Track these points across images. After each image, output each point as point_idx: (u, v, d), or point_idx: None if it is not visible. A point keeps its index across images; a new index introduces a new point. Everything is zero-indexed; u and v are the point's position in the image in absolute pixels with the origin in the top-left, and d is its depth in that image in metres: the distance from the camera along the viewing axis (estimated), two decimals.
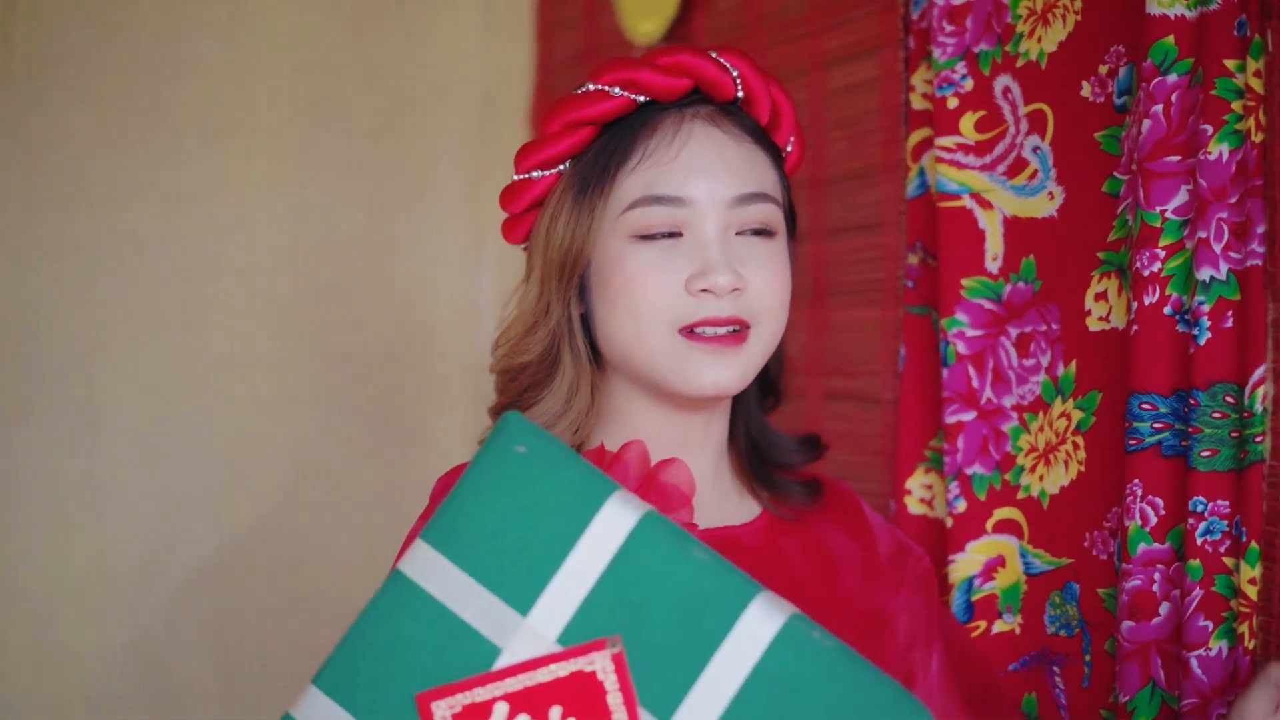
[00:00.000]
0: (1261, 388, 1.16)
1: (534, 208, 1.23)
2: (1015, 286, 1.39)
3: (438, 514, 0.98)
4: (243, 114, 2.18)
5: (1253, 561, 1.16)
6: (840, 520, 1.31)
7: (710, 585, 0.93)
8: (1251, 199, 1.17)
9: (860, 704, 0.90)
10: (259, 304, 2.20)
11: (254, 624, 2.19)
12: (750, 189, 1.18)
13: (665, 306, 1.15)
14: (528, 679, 0.93)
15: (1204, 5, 1.18)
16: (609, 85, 1.19)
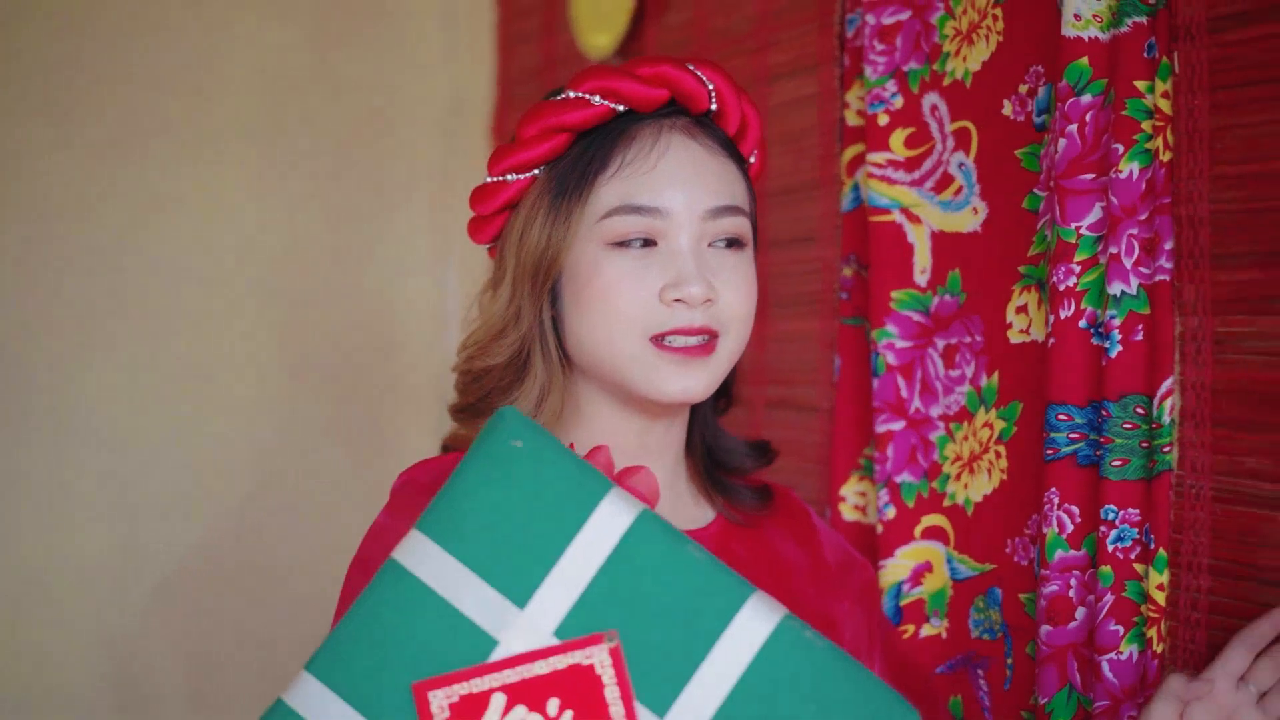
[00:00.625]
0: (1169, 399, 1.18)
1: (505, 210, 1.24)
2: (942, 299, 1.41)
3: (433, 506, 0.98)
4: (209, 124, 2.20)
5: (1161, 568, 1.19)
6: (790, 526, 1.33)
7: (705, 584, 0.94)
8: (1160, 216, 1.19)
9: (852, 703, 0.92)
10: (226, 312, 2.22)
11: (222, 625, 2.21)
12: (724, 201, 1.19)
13: (639, 315, 1.16)
14: (525, 671, 0.93)
15: (1116, 28, 1.20)
16: (589, 93, 1.19)
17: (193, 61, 2.19)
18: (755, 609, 0.93)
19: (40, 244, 2.09)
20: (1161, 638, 1.19)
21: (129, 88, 2.13)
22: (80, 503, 2.11)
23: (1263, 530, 1.11)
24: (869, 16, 1.45)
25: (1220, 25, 1.14)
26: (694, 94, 1.20)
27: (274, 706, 0.97)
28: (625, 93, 1.19)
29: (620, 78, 1.19)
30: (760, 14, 1.69)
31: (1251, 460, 1.12)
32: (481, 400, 1.24)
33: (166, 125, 2.16)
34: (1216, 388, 1.15)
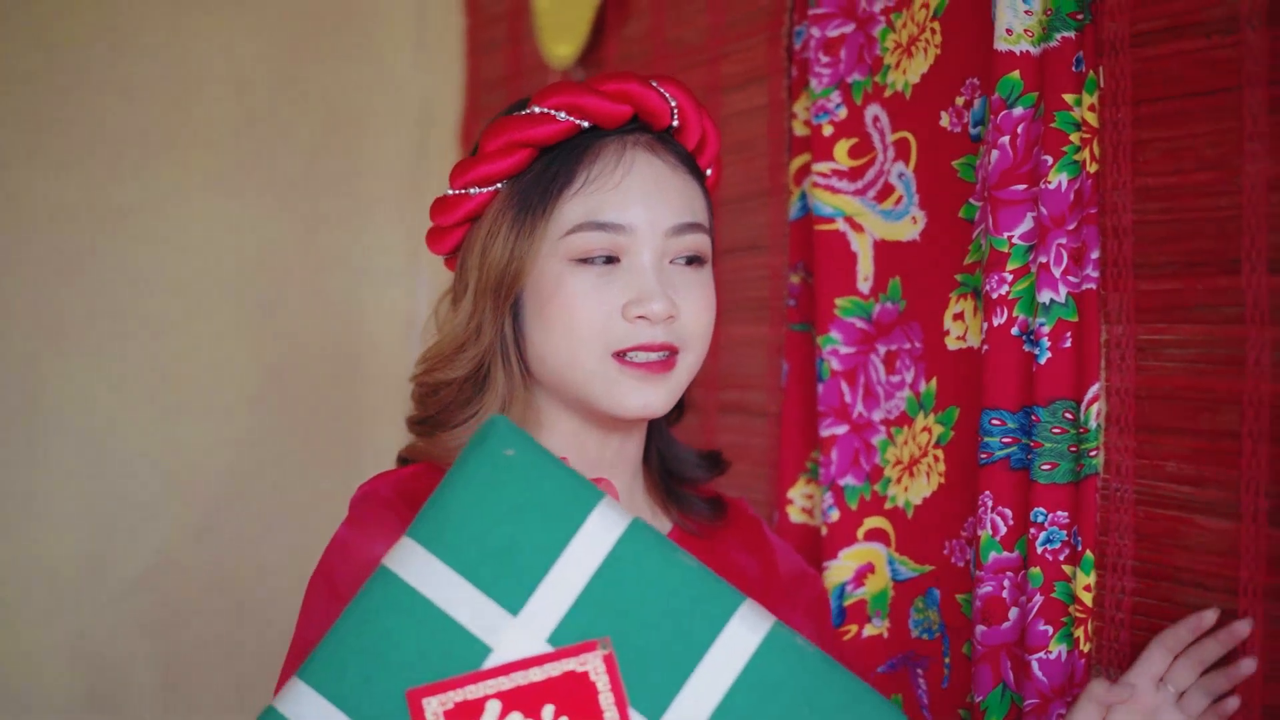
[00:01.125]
0: (1095, 405, 1.21)
1: (466, 222, 1.24)
2: (883, 306, 1.44)
3: (425, 513, 0.97)
4: (181, 132, 2.22)
5: (1087, 569, 1.21)
6: (743, 538, 1.34)
7: (697, 591, 0.94)
8: (1088, 226, 1.22)
9: (843, 708, 0.93)
10: (196, 318, 2.24)
11: (192, 627, 2.23)
12: (687, 219, 1.20)
13: (601, 330, 1.16)
14: (520, 678, 0.93)
15: (1046, 42, 1.22)
16: (555, 109, 1.19)
17: (164, 71, 2.21)
18: (746, 617, 0.94)
19: (11, 251, 2.11)
20: (1088, 637, 1.21)
21: (100, 97, 2.15)
22: (51, 507, 2.13)
23: (1181, 532, 1.14)
24: (814, 29, 1.48)
25: (1143, 40, 1.16)
26: (657, 110, 1.21)
27: (265, 713, 0.96)
28: (590, 109, 1.19)
29: (586, 94, 1.19)
30: (713, 26, 1.71)
31: (1172, 464, 1.14)
32: (441, 412, 1.24)
33: (138, 134, 2.18)
34: (1139, 393, 1.17)
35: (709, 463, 1.36)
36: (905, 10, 1.40)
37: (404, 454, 1.28)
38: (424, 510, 0.97)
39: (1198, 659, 1.11)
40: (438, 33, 2.39)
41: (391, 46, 2.39)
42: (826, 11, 1.47)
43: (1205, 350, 1.12)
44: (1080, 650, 1.21)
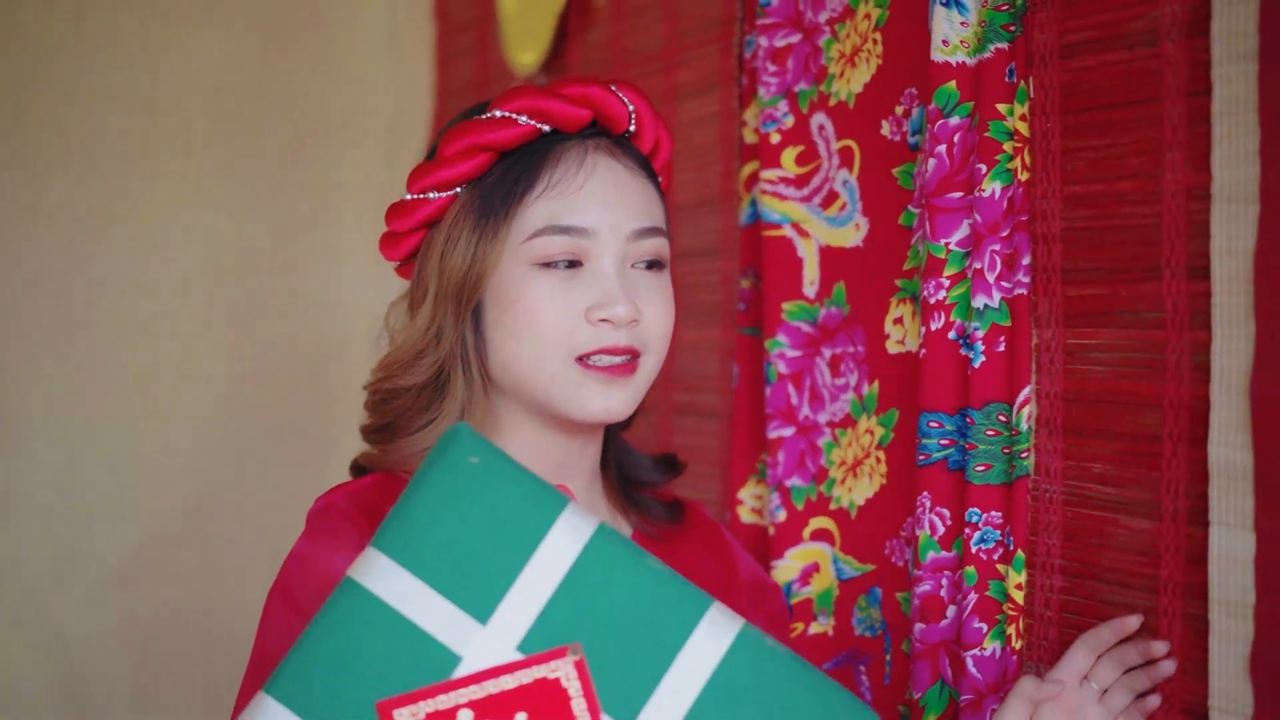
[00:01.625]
0: (1026, 408, 1.23)
1: (422, 228, 1.22)
2: (828, 311, 1.46)
3: (389, 523, 0.96)
4: (154, 139, 2.24)
5: (1019, 568, 1.23)
6: (702, 542, 1.33)
7: (666, 595, 0.94)
8: (1019, 232, 1.24)
9: (815, 707, 0.92)
10: (169, 321, 2.26)
11: (165, 624, 2.25)
12: (647, 223, 1.19)
13: (565, 334, 1.15)
14: (491, 686, 0.92)
15: (980, 53, 1.25)
16: (516, 113, 1.18)
17: (138, 76, 2.22)
18: (715, 619, 0.93)
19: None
20: (1020, 634, 1.23)
21: (73, 104, 2.17)
22: (26, 505, 2.15)
23: (1106, 532, 1.16)
24: (763, 39, 1.50)
25: (1070, 52, 1.18)
26: (616, 115, 1.21)
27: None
28: (552, 113, 1.18)
29: (548, 98, 1.18)
30: (669, 35, 1.73)
31: (1097, 466, 1.17)
32: (398, 419, 1.22)
33: (111, 141, 2.20)
34: (1067, 397, 1.19)
35: (665, 466, 1.35)
36: (848, 21, 1.42)
37: (360, 462, 1.26)
38: (388, 520, 0.96)
39: (1120, 660, 1.13)
40: (408, 40, 2.41)
41: (362, 54, 2.41)
42: (774, 22, 1.49)
43: (1128, 355, 1.14)
44: (1013, 647, 1.24)
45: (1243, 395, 0.97)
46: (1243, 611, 0.97)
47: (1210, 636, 0.99)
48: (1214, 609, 0.99)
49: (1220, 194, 1.00)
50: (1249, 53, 0.99)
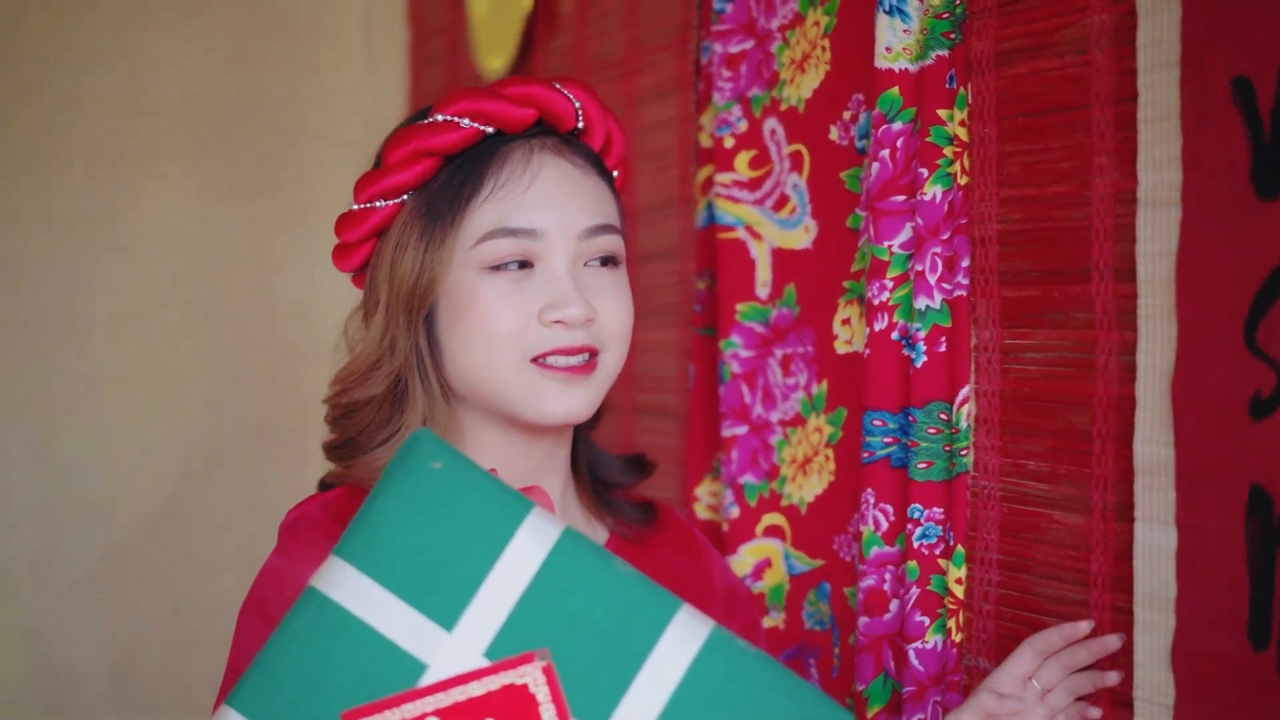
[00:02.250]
0: (966, 406, 1.25)
1: (372, 237, 1.19)
2: (780, 312, 1.48)
3: (351, 531, 0.94)
4: (131, 141, 2.26)
5: (959, 563, 1.25)
6: (676, 544, 1.31)
7: (634, 599, 0.92)
8: (959, 235, 1.26)
9: (786, 708, 0.90)
10: (148, 321, 2.28)
11: (142, 621, 2.27)
12: (599, 221, 1.17)
13: (518, 337, 1.13)
14: (459, 694, 0.90)
15: (922, 60, 1.27)
16: (458, 116, 1.15)
17: (114, 81, 2.24)
18: (685, 621, 0.92)
19: None
20: (960, 628, 1.26)
21: (52, 108, 2.19)
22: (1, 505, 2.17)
23: (1040, 527, 1.18)
24: (717, 45, 1.52)
25: (1006, 59, 1.21)
26: (562, 113, 1.18)
27: None
28: (495, 114, 1.15)
29: (489, 99, 1.16)
30: (629, 40, 1.76)
31: (1032, 463, 1.19)
32: (360, 435, 1.19)
33: (88, 143, 2.22)
34: (1004, 395, 1.22)
35: (635, 467, 1.33)
36: (799, 28, 1.45)
37: (325, 479, 1.24)
38: (351, 528, 0.94)
39: (1067, 662, 1.13)
40: (383, 45, 2.43)
41: (338, 59, 2.43)
42: (728, 28, 1.51)
43: (1061, 354, 1.16)
44: (953, 640, 1.26)
45: (1165, 394, 0.99)
46: (1165, 604, 0.99)
47: (1135, 629, 1.01)
48: (1138, 602, 1.02)
49: (1145, 198, 1.02)
50: (1171, 61, 1.02)
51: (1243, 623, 0.92)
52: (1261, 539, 0.91)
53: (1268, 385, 0.91)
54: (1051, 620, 1.17)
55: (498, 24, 2.00)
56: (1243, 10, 0.96)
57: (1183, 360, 0.98)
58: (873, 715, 1.32)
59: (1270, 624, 0.90)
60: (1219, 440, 0.94)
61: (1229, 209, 0.95)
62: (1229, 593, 0.93)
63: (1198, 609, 0.97)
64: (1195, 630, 0.98)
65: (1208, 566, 0.95)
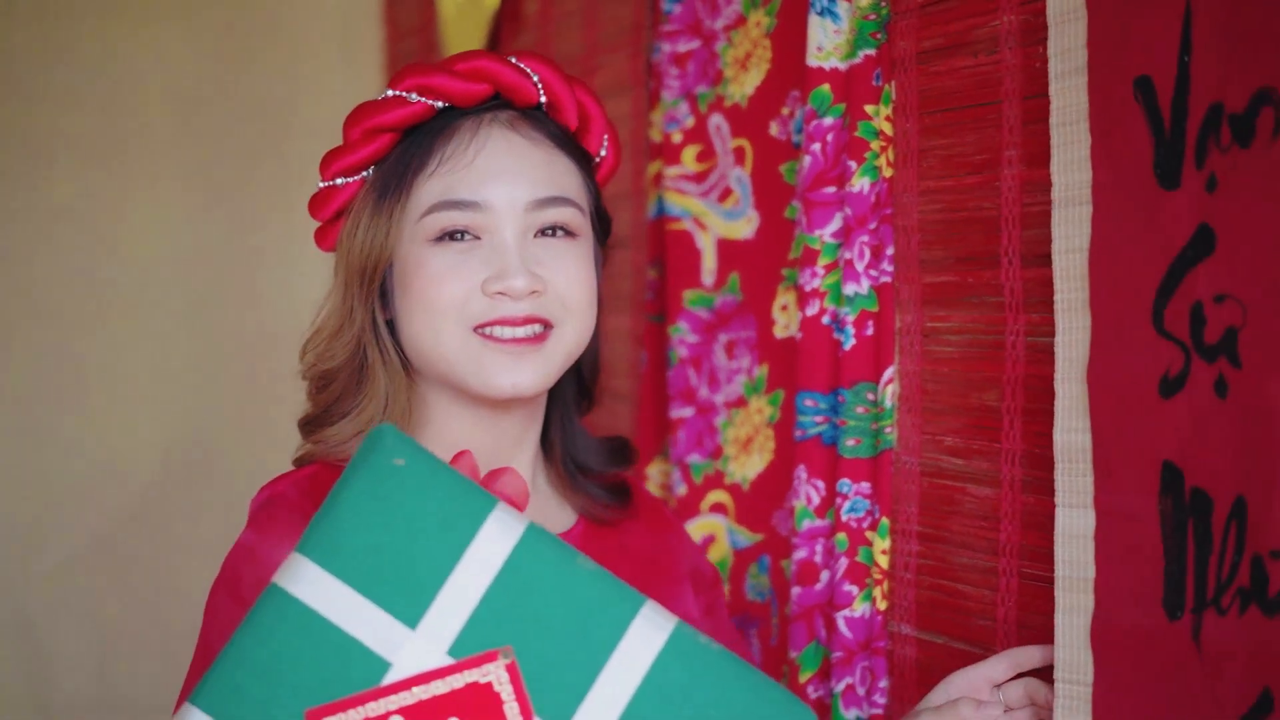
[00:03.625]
0: (890, 386, 1.31)
1: (341, 215, 1.20)
2: (724, 299, 1.54)
3: (314, 528, 0.93)
4: (116, 138, 2.32)
5: (883, 535, 1.31)
6: (649, 524, 1.32)
7: (597, 596, 0.92)
8: (885, 225, 1.32)
9: (750, 704, 0.91)
10: (132, 313, 2.34)
11: (124, 606, 2.33)
12: (549, 193, 1.16)
13: (459, 306, 1.13)
14: (422, 692, 0.89)
15: (851, 59, 1.33)
16: (406, 91, 1.16)
17: (100, 80, 2.31)
18: (649, 618, 0.92)
19: None
20: (884, 596, 1.32)
21: (38, 105, 2.26)
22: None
23: (955, 500, 1.24)
24: (666, 45, 1.58)
25: (926, 58, 1.26)
26: (516, 86, 1.17)
27: None
28: (442, 88, 1.15)
29: (436, 74, 1.16)
30: (588, 40, 1.82)
31: (949, 439, 1.25)
32: (332, 406, 1.20)
33: (74, 140, 2.28)
34: (924, 376, 1.28)
35: (615, 455, 1.32)
36: (741, 28, 1.51)
37: (297, 458, 1.25)
38: (313, 524, 0.94)
39: (1032, 691, 1.12)
40: (360, 45, 2.49)
41: (318, 58, 2.49)
42: (676, 29, 1.57)
43: (975, 336, 1.22)
44: (878, 608, 1.32)
45: (1081, 383, 1.04)
46: (1084, 586, 1.03)
47: (1055, 611, 1.05)
48: (1059, 586, 1.05)
49: (1059, 198, 1.07)
50: (1079, 68, 1.06)
51: (1158, 596, 0.95)
52: (1174, 513, 0.95)
53: (1176, 364, 0.96)
54: (965, 588, 1.23)
55: (466, 24, 2.06)
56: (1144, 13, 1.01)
57: (1096, 348, 1.02)
58: (805, 681, 1.38)
59: (1184, 594, 0.94)
60: (1132, 422, 0.99)
61: (1135, 201, 1.00)
62: (1145, 569, 0.97)
63: (1115, 587, 1.00)
64: (1113, 608, 1.01)
65: (1124, 545, 0.99)
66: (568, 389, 1.28)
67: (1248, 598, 0.87)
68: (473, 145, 1.15)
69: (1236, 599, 0.88)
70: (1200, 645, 0.92)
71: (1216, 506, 0.90)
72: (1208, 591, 0.91)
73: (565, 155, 1.19)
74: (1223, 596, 0.90)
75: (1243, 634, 0.88)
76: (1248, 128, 0.91)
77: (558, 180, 1.17)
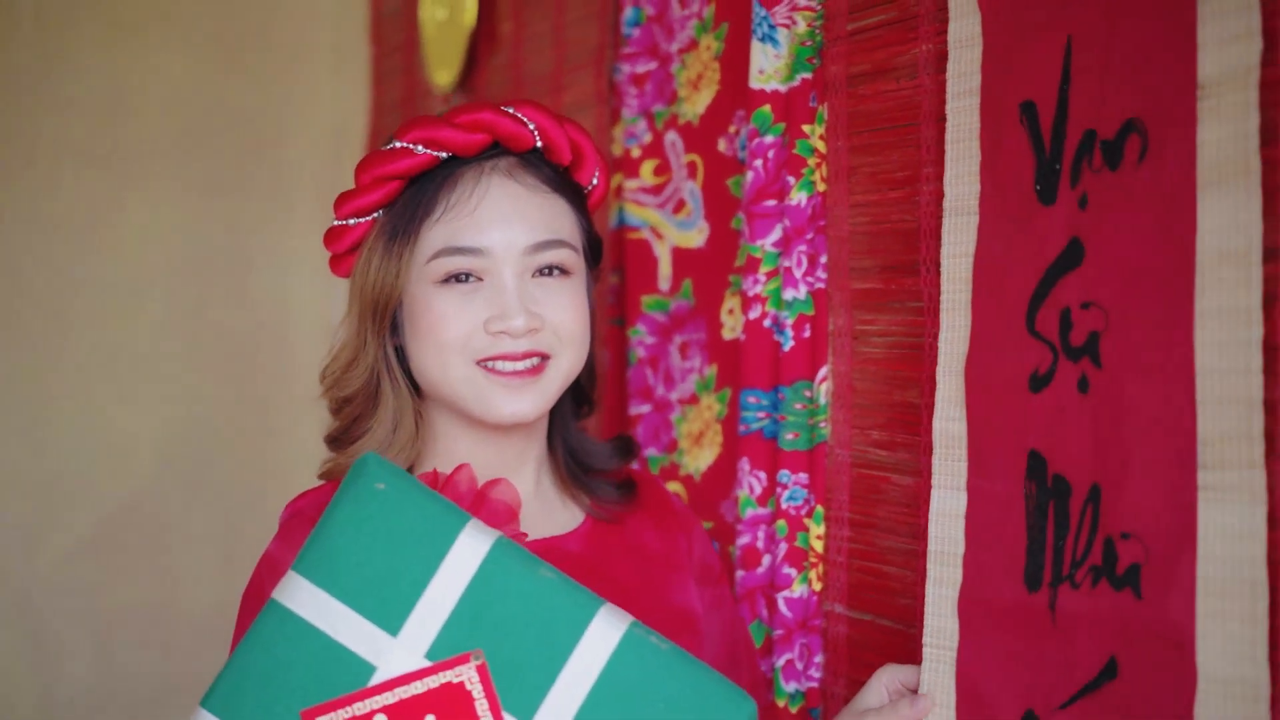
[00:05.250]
0: (824, 384, 1.41)
1: (355, 250, 1.28)
2: (678, 303, 1.64)
3: (308, 548, 1.04)
4: (116, 146, 2.42)
5: (819, 521, 1.41)
6: (655, 516, 1.38)
7: (558, 601, 1.01)
8: (820, 235, 1.42)
9: (696, 699, 1.00)
10: (130, 313, 2.44)
11: (125, 592, 2.42)
12: (545, 237, 1.23)
13: (465, 343, 1.21)
14: (402, 692, 0.99)
15: (790, 82, 1.43)
16: (412, 143, 1.23)
17: (99, 89, 2.40)
18: (604, 620, 1.01)
19: None
20: (819, 578, 1.42)
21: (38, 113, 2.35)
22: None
23: (881, 488, 1.34)
24: (626, 66, 1.68)
25: (855, 82, 1.36)
26: (514, 134, 1.24)
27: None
28: (445, 140, 1.23)
29: (441, 127, 1.23)
30: (557, 60, 1.92)
31: (875, 433, 1.35)
32: (352, 426, 1.29)
33: (73, 147, 2.38)
34: (854, 374, 1.37)
35: (620, 451, 1.39)
36: (694, 51, 1.61)
37: (323, 472, 1.32)
38: (307, 545, 1.05)
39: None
40: (349, 60, 2.59)
41: (309, 71, 2.59)
42: (635, 51, 1.67)
43: (897, 339, 1.32)
44: (813, 589, 1.42)
45: (959, 376, 1.14)
46: (954, 560, 1.13)
47: (926, 583, 1.15)
48: (931, 559, 1.15)
49: (950, 207, 1.17)
50: (973, 89, 1.17)
51: (1019, 571, 1.06)
52: (1037, 496, 1.05)
53: (1044, 363, 1.06)
54: (889, 570, 1.33)
55: (445, 43, 2.16)
56: (1031, 44, 1.11)
57: (975, 345, 1.12)
58: None
59: (1043, 569, 1.04)
60: (1003, 413, 1.09)
61: (1016, 213, 1.10)
62: (1009, 546, 1.07)
63: (981, 562, 1.10)
64: (978, 581, 1.11)
65: (991, 524, 1.09)
66: (566, 400, 1.35)
67: (1099, 574, 0.97)
68: (475, 194, 1.23)
69: (1089, 575, 0.98)
70: (1055, 616, 1.02)
71: (1075, 492, 1.00)
72: (1064, 567, 1.01)
73: (560, 197, 1.27)
74: (1077, 572, 0.99)
75: (1093, 607, 0.98)
76: (1117, 153, 1.01)
77: (552, 224, 1.25)
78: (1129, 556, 0.96)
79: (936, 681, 1.13)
